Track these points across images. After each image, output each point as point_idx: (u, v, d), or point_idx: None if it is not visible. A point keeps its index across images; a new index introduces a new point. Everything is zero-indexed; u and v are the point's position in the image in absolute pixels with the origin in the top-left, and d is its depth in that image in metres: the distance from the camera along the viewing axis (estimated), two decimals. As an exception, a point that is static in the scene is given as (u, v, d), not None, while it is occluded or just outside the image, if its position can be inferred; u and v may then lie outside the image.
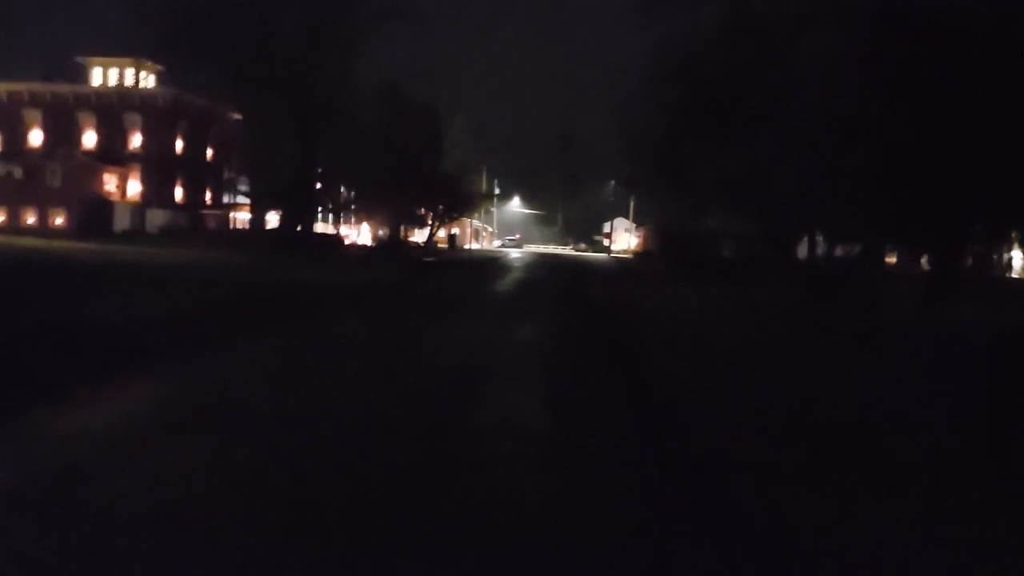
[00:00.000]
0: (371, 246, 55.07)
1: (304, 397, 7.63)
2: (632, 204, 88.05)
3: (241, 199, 54.62)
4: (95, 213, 46.00)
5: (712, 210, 36.66)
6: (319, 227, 52.39)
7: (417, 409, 7.39)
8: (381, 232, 58.87)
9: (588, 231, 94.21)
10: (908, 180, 19.28)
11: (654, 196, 45.83)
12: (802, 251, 32.05)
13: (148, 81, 50.84)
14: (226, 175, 55.41)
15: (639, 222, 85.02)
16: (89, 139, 49.20)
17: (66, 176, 45.92)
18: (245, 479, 5.07)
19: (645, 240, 70.74)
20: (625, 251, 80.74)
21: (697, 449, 6.57)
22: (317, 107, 38.65)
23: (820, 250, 30.03)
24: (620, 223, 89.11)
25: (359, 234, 63.77)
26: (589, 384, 9.25)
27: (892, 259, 35.82)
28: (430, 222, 59.74)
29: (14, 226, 44.56)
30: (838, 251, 28.76)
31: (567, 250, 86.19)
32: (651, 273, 40.24)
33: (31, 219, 45.41)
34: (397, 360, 10.24)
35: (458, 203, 59.70)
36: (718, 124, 25.28)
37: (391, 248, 49.88)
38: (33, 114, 48.99)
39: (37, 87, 48.88)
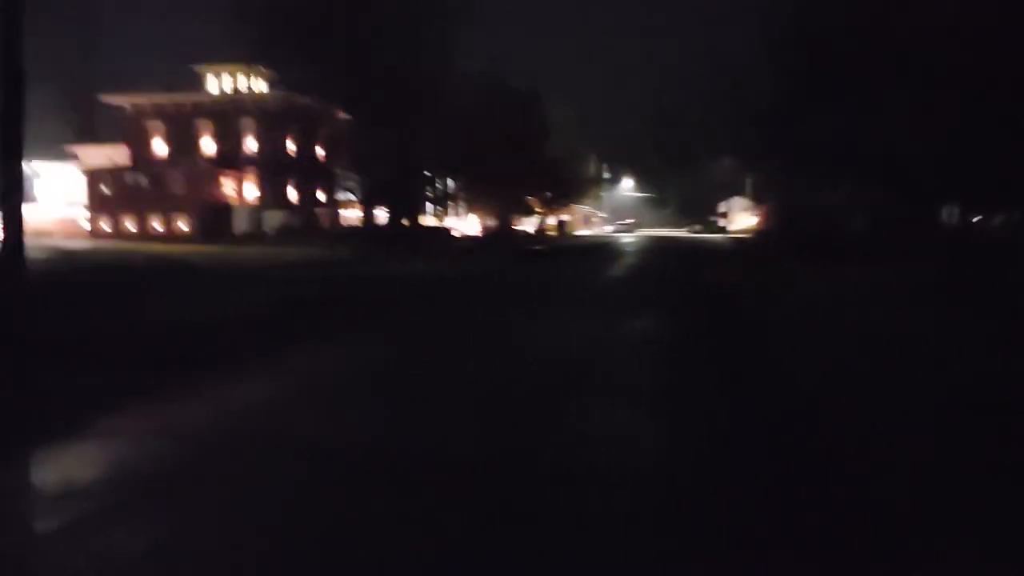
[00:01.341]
0: (479, 237, 54.64)
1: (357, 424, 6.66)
2: (749, 181, 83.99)
3: (351, 196, 55.35)
4: (215, 217, 47.60)
5: (839, 182, 33.80)
6: (427, 220, 52.36)
7: (495, 431, 6.25)
8: (489, 222, 58.38)
9: (703, 212, 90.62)
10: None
11: (774, 171, 42.95)
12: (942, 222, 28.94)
13: (259, 86, 52.15)
14: (336, 173, 56.27)
15: (757, 200, 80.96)
16: (207, 145, 50.98)
17: (188, 182, 47.71)
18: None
19: (765, 218, 67.07)
20: (743, 231, 77.06)
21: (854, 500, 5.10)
22: (418, 98, 38.29)
23: (960, 219, 26.97)
24: (737, 202, 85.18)
25: (467, 225, 63.56)
26: (713, 402, 7.86)
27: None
28: (538, 210, 58.78)
29: (142, 233, 46.71)
30: (983, 220, 25.73)
31: (682, 232, 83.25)
32: (773, 253, 37.61)
33: (157, 225, 47.48)
34: (490, 359, 9.16)
35: (566, 189, 58.53)
36: (846, 85, 22.90)
37: (498, 238, 49.22)
38: (156, 124, 51.22)
39: (158, 98, 51.03)
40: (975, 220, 25.30)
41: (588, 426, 6.41)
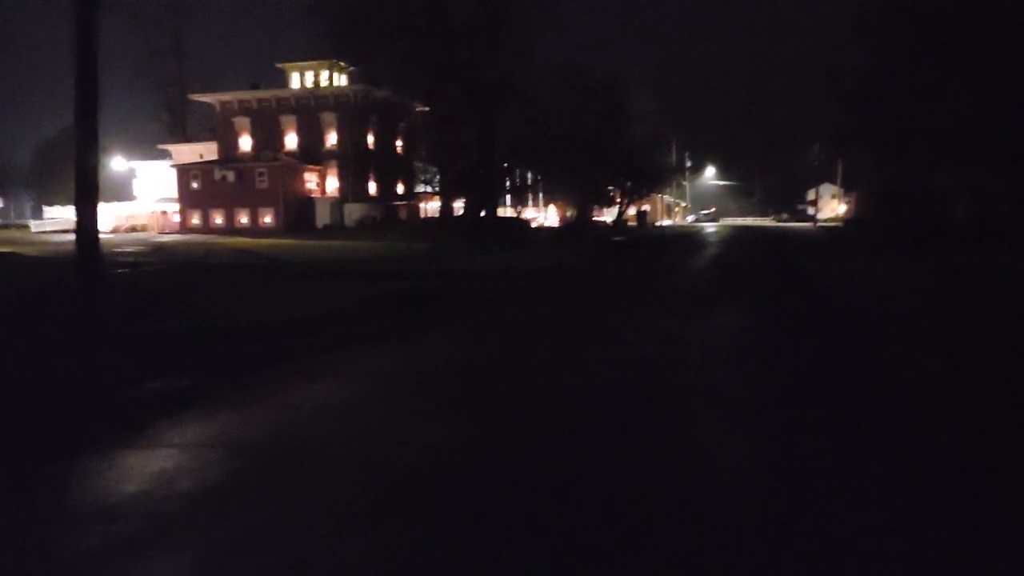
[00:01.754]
0: (557, 228, 54.01)
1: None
2: (839, 167, 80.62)
3: (430, 188, 55.62)
4: (299, 210, 48.54)
5: (938, 165, 31.73)
6: (506, 211, 52.07)
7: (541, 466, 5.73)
8: (568, 213, 57.66)
9: (789, 200, 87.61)
10: None
11: (866, 155, 40.79)
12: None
13: (340, 81, 52.85)
14: (416, 166, 56.61)
15: (848, 187, 77.59)
16: (291, 140, 51.98)
17: (272, 177, 48.73)
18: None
19: (856, 206, 64.14)
20: (833, 219, 74.05)
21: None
22: (496, 89, 37.93)
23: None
24: (826, 189, 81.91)
25: (546, 216, 63.02)
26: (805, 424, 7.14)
27: None
28: (619, 200, 57.67)
29: (229, 227, 48.00)
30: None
31: (767, 221, 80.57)
32: (867, 243, 35.73)
33: (243, 219, 48.70)
34: (558, 366, 8.64)
35: (647, 178, 57.10)
36: (949, 58, 21.28)
37: (578, 229, 48.48)
38: (242, 121, 52.51)
39: (244, 95, 52.32)
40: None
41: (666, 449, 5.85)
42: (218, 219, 49.18)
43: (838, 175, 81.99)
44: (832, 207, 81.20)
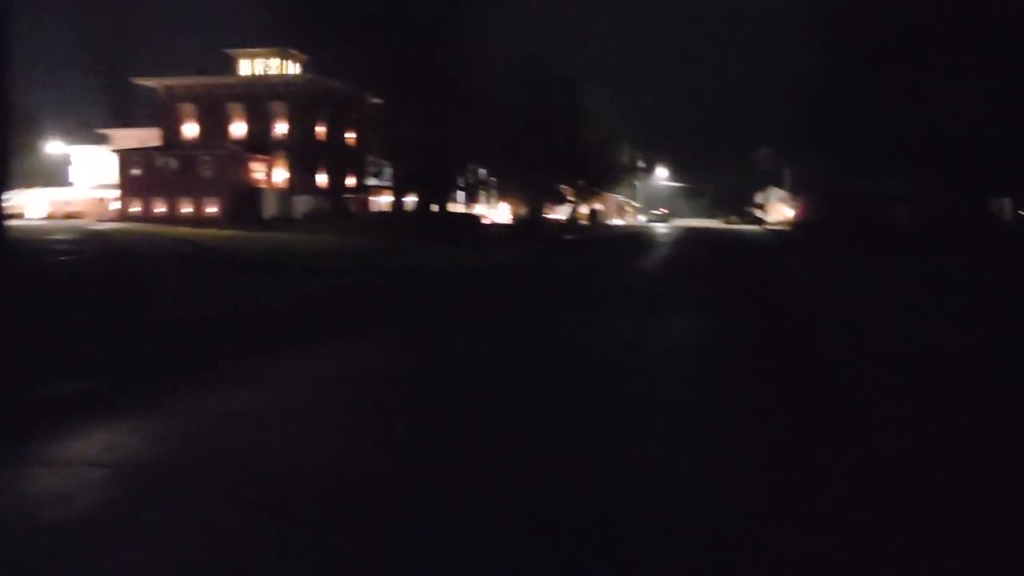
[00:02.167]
0: (510, 225, 53.71)
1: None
2: (788, 172, 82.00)
3: (383, 182, 54.76)
4: (244, 201, 47.21)
5: (886, 171, 32.27)
6: (458, 208, 51.55)
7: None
8: (520, 210, 57.42)
9: (739, 203, 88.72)
10: None
11: (815, 160, 41.39)
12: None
13: (291, 70, 51.62)
14: (368, 159, 55.68)
15: (795, 191, 78.97)
16: (238, 129, 50.54)
17: (217, 166, 47.35)
18: None
19: (803, 210, 65.28)
20: (780, 222, 75.20)
21: None
22: (451, 84, 37.38)
23: (1013, 212, 25.39)
24: (774, 193, 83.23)
25: (498, 213, 62.64)
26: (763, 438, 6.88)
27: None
28: (571, 198, 57.64)
29: (171, 216, 46.48)
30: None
31: (717, 223, 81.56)
32: (815, 246, 36.21)
33: (186, 209, 47.21)
34: (503, 375, 8.25)
35: (600, 178, 57.28)
36: (900, 68, 21.51)
37: (530, 227, 48.23)
38: (187, 107, 50.89)
39: (190, 81, 50.72)
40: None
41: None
42: (159, 208, 47.62)
43: (786, 179, 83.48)
44: (780, 210, 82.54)
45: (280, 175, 50.88)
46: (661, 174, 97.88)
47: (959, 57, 21.20)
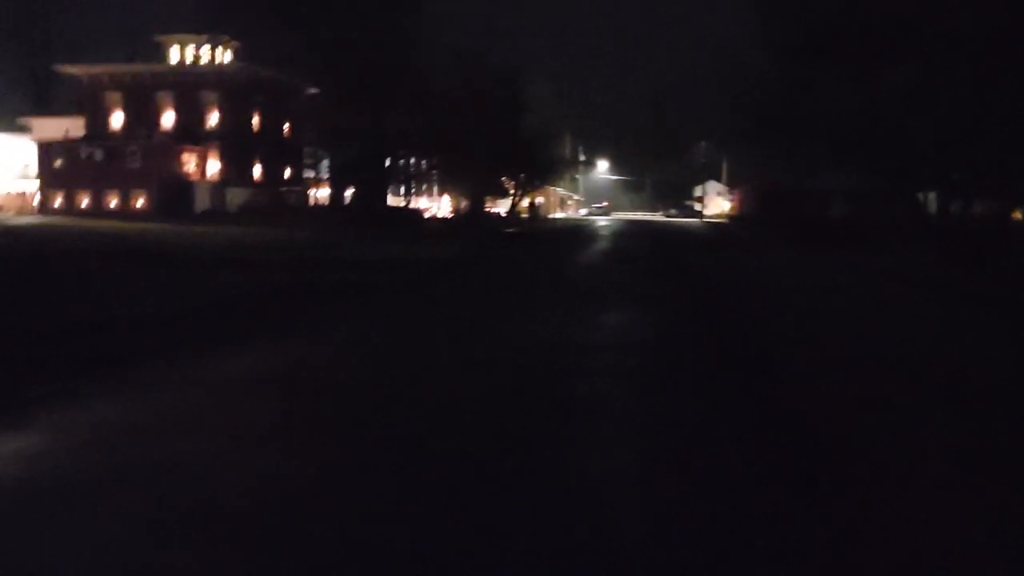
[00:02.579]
0: (450, 219, 53.22)
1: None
2: (725, 166, 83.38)
3: (320, 175, 53.64)
4: (175, 194, 45.59)
5: (821, 167, 32.91)
6: (399, 201, 50.77)
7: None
8: (462, 204, 56.95)
9: (679, 196, 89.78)
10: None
11: (753, 154, 42.00)
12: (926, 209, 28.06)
13: (224, 57, 50.01)
14: (305, 151, 54.45)
15: (732, 185, 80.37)
16: (168, 119, 48.78)
17: (146, 157, 45.58)
18: None
19: (740, 203, 66.46)
20: (718, 216, 76.43)
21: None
22: (388, 73, 36.67)
23: (940, 207, 26.07)
24: (712, 186, 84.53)
25: (439, 207, 62.08)
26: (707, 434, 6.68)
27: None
28: (512, 192, 57.37)
29: (97, 209, 44.59)
30: (972, 209, 24.80)
31: (657, 216, 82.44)
32: (751, 239, 36.74)
33: (113, 202, 45.35)
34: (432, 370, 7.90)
35: (541, 171, 57.08)
36: (839, 64, 21.79)
37: (471, 220, 47.84)
38: (113, 96, 48.85)
39: (116, 68, 48.68)
40: (952, 207, 24.39)
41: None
42: (84, 201, 45.67)
43: (723, 173, 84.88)
44: (718, 204, 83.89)
45: (213, 167, 49.32)
46: (602, 167, 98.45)
47: (887, 49, 21.55)
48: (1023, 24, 16.55)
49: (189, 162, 48.26)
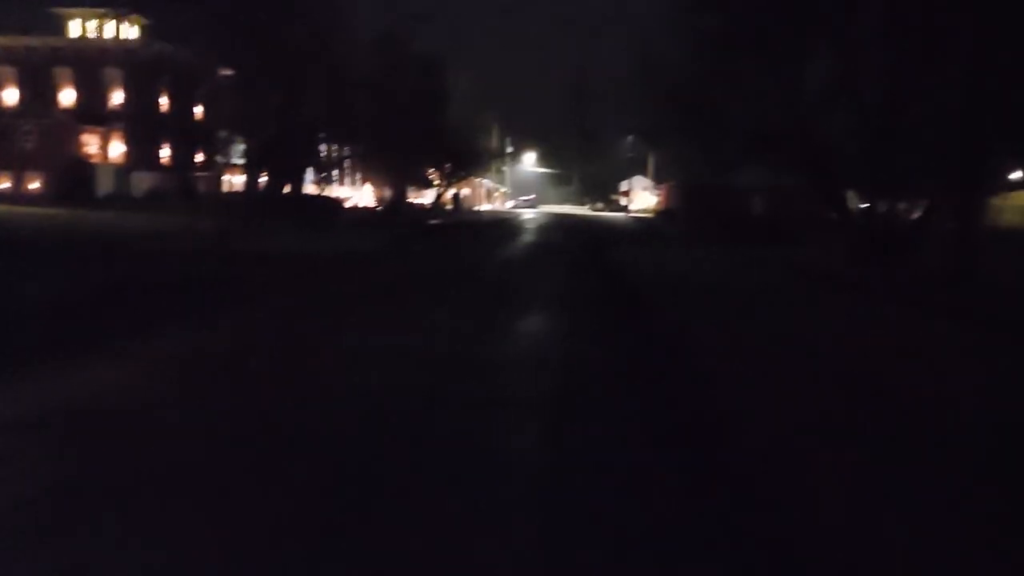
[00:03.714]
0: (372, 209, 51.63)
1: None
2: (651, 160, 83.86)
3: (234, 160, 51.20)
4: (75, 177, 42.70)
5: (743, 163, 32.80)
6: (316, 189, 48.89)
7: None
8: (384, 194, 55.34)
9: (605, 190, 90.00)
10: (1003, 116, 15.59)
11: (677, 149, 41.81)
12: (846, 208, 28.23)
13: (131, 34, 47.12)
14: (219, 135, 51.88)
15: (659, 179, 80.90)
16: (68, 97, 45.65)
17: (42, 137, 42.54)
18: None
19: (666, 198, 66.81)
20: (644, 210, 76.82)
21: None
22: (303, 56, 34.96)
23: (860, 206, 26.19)
24: (638, 181, 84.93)
25: (361, 196, 60.28)
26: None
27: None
28: (437, 182, 56.07)
29: (-14, 192, 41.46)
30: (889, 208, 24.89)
31: (584, 210, 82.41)
32: (675, 234, 36.56)
33: (3, 184, 42.17)
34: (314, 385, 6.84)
35: (466, 162, 55.92)
36: (758, 57, 21.39)
37: (392, 211, 46.41)
38: (6, 71, 45.41)
39: (10, 41, 45.21)
40: (878, 206, 24.38)
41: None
42: (-29, 182, 42.37)
43: (649, 168, 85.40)
44: (644, 198, 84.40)
45: (117, 149, 46.46)
46: (529, 160, 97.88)
47: (807, 42, 21.28)
48: (944, 16, 16.43)
49: (90, 143, 45.35)
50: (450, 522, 3.87)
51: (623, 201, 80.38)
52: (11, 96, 45.44)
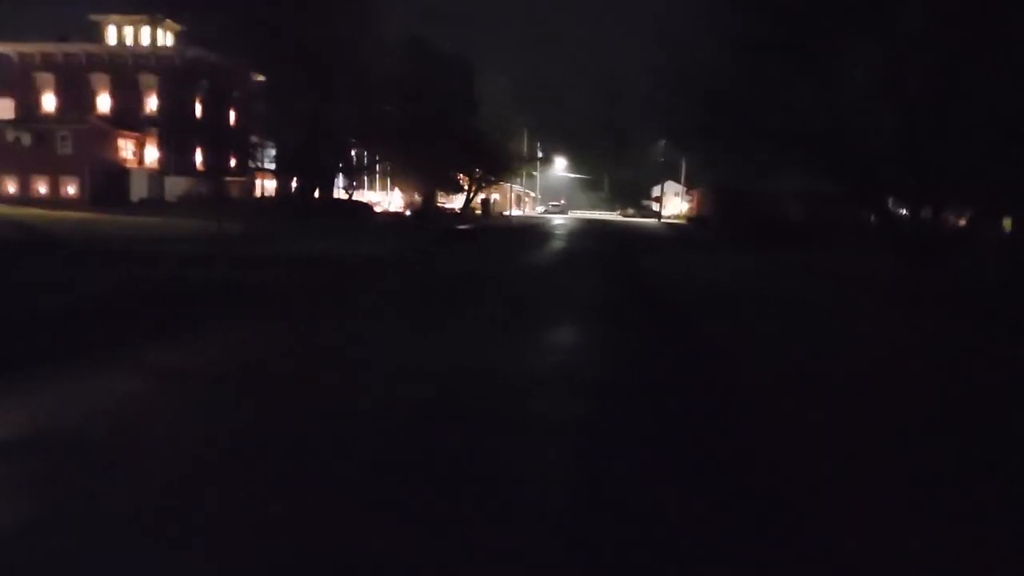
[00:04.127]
0: (401, 213, 51.54)
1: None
2: (684, 165, 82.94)
3: (267, 165, 51.45)
4: (110, 181, 43.22)
5: (778, 167, 32.00)
6: (348, 194, 48.92)
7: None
8: (414, 198, 55.23)
9: (636, 196, 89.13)
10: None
11: (711, 154, 41.07)
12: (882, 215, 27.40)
13: (166, 40, 47.61)
14: (251, 140, 52.21)
15: (691, 185, 79.91)
16: (104, 103, 46.17)
17: (78, 142, 43.01)
18: None
19: (699, 204, 65.87)
20: (676, 216, 75.91)
21: None
22: (335, 60, 34.95)
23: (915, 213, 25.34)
24: (670, 187, 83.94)
25: (390, 200, 60.29)
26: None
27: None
28: (466, 187, 55.84)
29: (24, 196, 41.95)
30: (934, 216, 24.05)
31: (614, 216, 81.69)
32: (710, 241, 35.86)
33: (42, 188, 42.73)
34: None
35: (496, 166, 55.61)
36: (795, 55, 20.72)
37: (422, 215, 46.26)
38: (45, 77, 46.06)
39: (49, 48, 45.90)
40: (923, 213, 23.55)
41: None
42: (11, 188, 42.93)
43: (682, 173, 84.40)
44: (676, 204, 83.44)
45: (151, 154, 46.91)
46: (560, 165, 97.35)
47: (848, 38, 20.59)
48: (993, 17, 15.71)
49: (125, 148, 45.81)
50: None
51: (655, 207, 79.50)
52: (49, 102, 46.08)
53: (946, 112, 17.94)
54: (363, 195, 55.36)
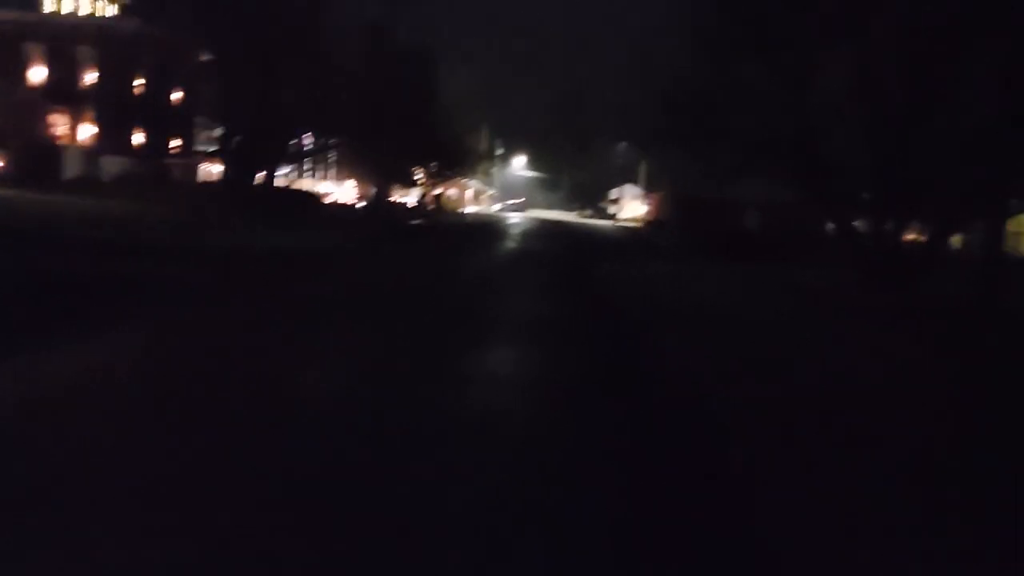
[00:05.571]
0: (353, 206, 49.82)
1: None
2: (643, 168, 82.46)
3: (212, 148, 49.23)
4: (40, 159, 40.64)
5: (740, 174, 31.26)
6: (296, 183, 47.07)
7: None
8: (368, 191, 53.52)
9: (595, 197, 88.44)
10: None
11: (671, 158, 40.29)
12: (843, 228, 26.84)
13: (107, 11, 45.10)
14: (196, 121, 49.90)
15: (650, 189, 79.44)
16: (36, 74, 43.49)
17: (6, 115, 40.37)
18: None
19: (657, 208, 65.31)
20: (633, 219, 75.33)
21: None
22: (283, 43, 33.15)
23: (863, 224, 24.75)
24: (629, 189, 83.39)
25: (343, 192, 58.39)
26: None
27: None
28: (422, 182, 54.33)
29: (-60, 170, 39.28)
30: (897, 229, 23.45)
31: (572, 217, 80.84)
32: (667, 246, 34.96)
33: (-39, 162, 40.12)
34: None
35: (453, 161, 54.21)
36: (768, 61, 19.87)
37: (375, 209, 44.64)
38: (-30, 44, 43.28)
39: (-24, 13, 43.14)
40: (887, 226, 22.93)
41: None
42: (-73, 160, 40.17)
43: (641, 176, 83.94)
44: (634, 207, 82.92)
45: (87, 131, 44.33)
46: (519, 163, 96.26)
47: (819, 43, 19.84)
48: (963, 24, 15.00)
49: (59, 124, 43.22)
50: None
51: (612, 209, 78.90)
52: (-25, 71, 43.26)
53: (913, 122, 17.23)
54: (312, 184, 53.43)
